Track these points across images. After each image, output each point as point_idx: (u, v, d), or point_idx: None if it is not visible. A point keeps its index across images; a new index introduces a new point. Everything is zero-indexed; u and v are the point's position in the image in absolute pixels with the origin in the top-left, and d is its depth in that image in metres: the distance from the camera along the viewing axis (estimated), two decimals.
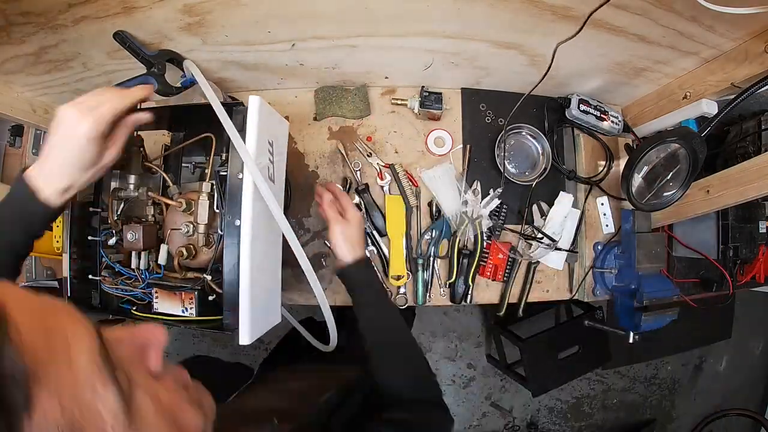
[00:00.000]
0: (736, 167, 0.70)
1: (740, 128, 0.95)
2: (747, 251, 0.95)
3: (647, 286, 0.84)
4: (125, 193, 0.67)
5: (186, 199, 0.64)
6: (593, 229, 0.94)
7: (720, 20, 0.60)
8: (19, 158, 0.90)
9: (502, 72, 0.83)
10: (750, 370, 2.37)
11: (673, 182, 0.77)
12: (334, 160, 0.88)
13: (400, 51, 0.74)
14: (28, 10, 0.56)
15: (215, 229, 0.65)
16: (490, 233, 0.88)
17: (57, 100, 0.83)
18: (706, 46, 0.69)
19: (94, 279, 0.68)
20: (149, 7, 0.57)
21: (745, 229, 0.95)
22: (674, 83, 0.82)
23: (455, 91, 0.91)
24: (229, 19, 0.61)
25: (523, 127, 0.91)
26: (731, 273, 0.95)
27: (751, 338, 2.36)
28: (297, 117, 0.89)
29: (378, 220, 0.85)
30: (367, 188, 0.86)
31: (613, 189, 0.94)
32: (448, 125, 0.90)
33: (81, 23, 0.59)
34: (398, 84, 0.89)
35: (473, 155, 0.90)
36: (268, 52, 0.72)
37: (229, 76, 0.80)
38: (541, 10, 0.60)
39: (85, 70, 0.73)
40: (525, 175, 0.91)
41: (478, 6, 0.60)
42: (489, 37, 0.69)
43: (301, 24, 0.64)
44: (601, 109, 0.90)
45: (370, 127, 0.89)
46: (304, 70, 0.80)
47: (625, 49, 0.71)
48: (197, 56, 0.70)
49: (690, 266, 0.98)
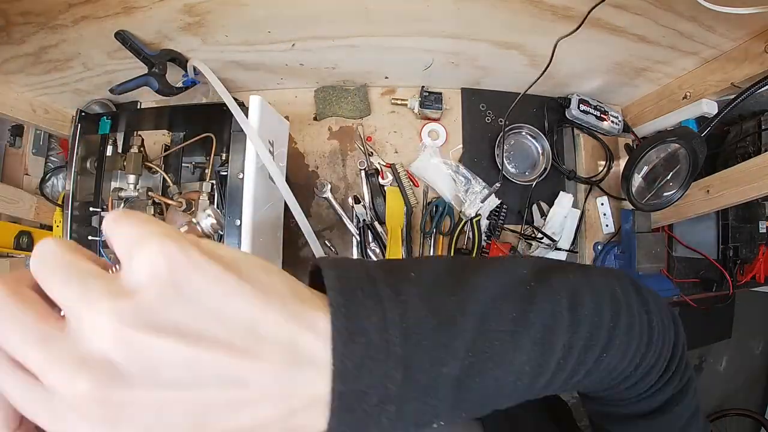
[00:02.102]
0: (736, 167, 0.70)
1: (740, 128, 0.95)
2: (747, 251, 0.95)
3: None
4: (125, 193, 0.67)
5: (186, 199, 0.64)
6: (593, 229, 0.94)
7: (720, 20, 0.60)
8: (19, 158, 0.89)
9: (502, 72, 0.83)
10: (750, 370, 2.37)
11: (673, 182, 0.77)
12: (334, 160, 0.88)
13: (400, 51, 0.74)
14: (28, 10, 0.56)
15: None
16: (490, 233, 0.88)
17: (57, 100, 0.83)
18: (706, 46, 0.69)
19: None
20: (149, 7, 0.57)
21: (745, 229, 0.95)
22: (674, 83, 0.82)
23: (455, 91, 0.91)
24: (229, 19, 0.61)
25: (523, 127, 0.91)
26: (731, 273, 0.95)
27: (751, 338, 2.36)
28: (297, 117, 0.89)
29: (380, 207, 0.86)
30: (376, 173, 0.86)
31: (613, 189, 0.94)
32: (448, 125, 0.90)
33: (81, 23, 0.59)
34: (398, 84, 0.89)
35: (473, 155, 0.90)
36: (268, 52, 0.72)
37: (229, 76, 0.80)
38: (541, 10, 0.60)
39: (85, 70, 0.73)
40: (525, 175, 0.91)
41: (478, 6, 0.60)
42: (489, 37, 0.69)
43: (301, 24, 0.64)
44: (601, 109, 0.90)
45: (370, 127, 0.89)
46: (304, 70, 0.80)
47: (625, 49, 0.71)
48: (197, 56, 0.70)
49: (690, 266, 0.98)
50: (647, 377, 0.30)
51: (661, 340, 0.29)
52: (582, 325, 0.24)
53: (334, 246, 0.87)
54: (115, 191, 0.67)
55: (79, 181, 0.67)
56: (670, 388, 0.32)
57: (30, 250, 0.84)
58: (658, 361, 0.30)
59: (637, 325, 0.28)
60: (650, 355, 0.29)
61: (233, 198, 0.57)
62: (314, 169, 0.89)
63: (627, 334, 0.27)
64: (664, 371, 0.31)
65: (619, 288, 0.28)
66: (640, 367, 0.29)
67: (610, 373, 0.28)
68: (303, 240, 0.87)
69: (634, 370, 0.29)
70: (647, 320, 0.28)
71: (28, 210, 0.84)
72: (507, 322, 0.22)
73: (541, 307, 0.23)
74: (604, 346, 0.25)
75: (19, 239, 0.83)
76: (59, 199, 0.88)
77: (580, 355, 0.24)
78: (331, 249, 0.86)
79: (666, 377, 0.32)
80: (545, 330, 0.23)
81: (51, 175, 0.91)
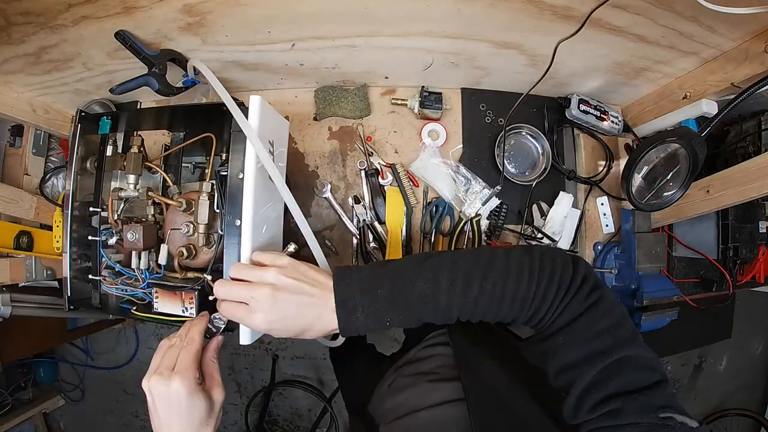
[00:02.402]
0: (736, 167, 0.70)
1: (740, 128, 0.95)
2: (747, 251, 0.95)
3: (647, 286, 0.84)
4: (125, 193, 0.67)
5: (186, 199, 0.64)
6: (593, 229, 0.94)
7: (720, 20, 0.60)
8: (19, 158, 0.89)
9: (502, 72, 0.83)
10: (750, 370, 2.37)
11: (673, 182, 0.77)
12: (334, 160, 0.88)
13: (400, 51, 0.74)
14: (28, 10, 0.56)
15: (215, 229, 0.65)
16: (490, 233, 0.88)
17: (57, 100, 0.83)
18: (706, 46, 0.69)
19: (94, 279, 0.68)
20: (149, 6, 0.57)
21: (745, 229, 0.96)
22: (674, 83, 0.82)
23: (455, 91, 0.91)
24: (229, 19, 0.61)
25: (523, 127, 0.91)
26: (731, 273, 0.95)
27: (751, 338, 2.36)
28: (297, 117, 0.89)
29: (380, 207, 0.86)
30: (376, 173, 0.86)
31: (613, 189, 0.94)
32: (448, 125, 0.90)
33: (81, 23, 0.59)
34: (398, 84, 0.89)
35: (473, 155, 0.90)
36: (268, 52, 0.72)
37: (230, 76, 0.80)
38: (541, 10, 0.60)
39: (85, 70, 0.73)
40: (525, 175, 0.91)
41: (478, 6, 0.60)
42: (489, 37, 0.69)
43: (301, 24, 0.65)
44: (601, 109, 0.90)
45: (370, 127, 0.89)
46: (304, 70, 0.80)
47: (625, 49, 0.71)
48: (197, 56, 0.70)
49: (690, 266, 0.98)
50: (544, 303, 0.43)
51: (546, 278, 0.43)
52: (459, 268, 0.44)
53: (334, 246, 0.87)
54: (115, 191, 0.67)
55: (79, 181, 0.67)
56: (574, 307, 0.43)
57: (30, 250, 0.85)
58: (548, 291, 0.43)
59: (514, 268, 0.44)
60: (534, 288, 0.43)
61: (233, 198, 0.57)
62: (314, 169, 0.89)
63: (502, 273, 0.44)
64: (562, 297, 0.43)
65: (500, 251, 0.47)
66: (531, 294, 0.43)
67: (502, 299, 0.44)
68: (303, 240, 0.87)
69: (525, 297, 0.43)
70: (529, 265, 0.44)
71: (28, 210, 0.85)
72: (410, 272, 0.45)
73: (429, 264, 0.46)
74: (482, 279, 0.44)
75: (19, 239, 0.83)
76: (59, 199, 0.88)
77: (464, 285, 0.44)
78: (331, 249, 0.86)
79: (565, 302, 0.43)
80: (433, 272, 0.45)
81: (51, 175, 0.91)
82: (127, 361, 2.06)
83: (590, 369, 0.41)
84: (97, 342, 2.08)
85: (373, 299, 0.45)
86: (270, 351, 2.02)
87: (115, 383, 2.08)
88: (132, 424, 2.09)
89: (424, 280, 0.44)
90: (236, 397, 2.06)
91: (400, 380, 0.67)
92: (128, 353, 2.06)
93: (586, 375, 0.41)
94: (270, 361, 1.98)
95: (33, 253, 0.85)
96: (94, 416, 2.12)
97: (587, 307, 0.43)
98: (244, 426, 1.97)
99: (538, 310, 0.44)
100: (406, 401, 0.60)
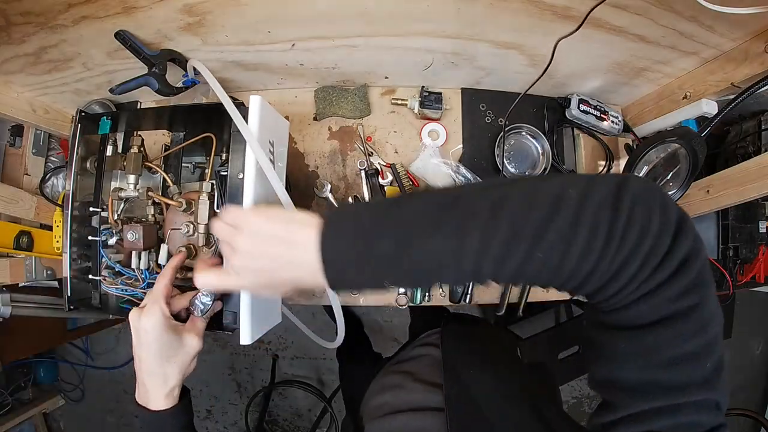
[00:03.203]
0: (736, 167, 0.70)
1: (740, 128, 0.95)
2: (747, 251, 0.95)
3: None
4: (125, 193, 0.67)
5: (186, 199, 0.64)
6: None
7: (720, 20, 0.60)
8: (19, 158, 0.89)
9: (502, 72, 0.83)
10: (750, 370, 2.37)
11: (673, 182, 0.77)
12: (334, 160, 0.88)
13: (400, 51, 0.74)
14: (28, 10, 0.56)
15: None
16: None
17: (57, 100, 0.83)
18: (706, 46, 0.69)
19: (94, 279, 0.68)
20: (149, 6, 0.57)
21: (745, 229, 0.95)
22: (674, 83, 0.82)
23: (455, 91, 0.91)
24: (229, 19, 0.61)
25: (523, 127, 0.91)
26: (731, 273, 0.95)
27: (751, 338, 2.36)
28: (297, 117, 0.89)
29: None
30: (376, 173, 0.86)
31: None
32: (448, 125, 0.90)
33: (81, 23, 0.59)
34: (398, 84, 0.89)
35: (473, 155, 0.90)
36: (268, 52, 0.72)
37: (229, 76, 0.80)
38: (541, 10, 0.60)
39: (85, 70, 0.73)
40: (525, 175, 0.91)
41: (478, 6, 0.60)
42: (489, 37, 0.69)
43: (301, 24, 0.65)
44: (601, 109, 0.90)
45: (370, 127, 0.89)
46: (304, 70, 0.80)
47: (625, 49, 0.71)
48: (197, 56, 0.70)
49: None
50: (613, 281, 0.29)
51: (628, 247, 0.28)
52: (500, 221, 0.29)
53: None
54: (115, 191, 0.67)
55: (79, 181, 0.67)
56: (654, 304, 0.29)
57: (30, 250, 0.85)
58: (624, 267, 0.28)
59: (586, 227, 0.28)
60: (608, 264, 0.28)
61: (233, 198, 0.57)
62: (314, 169, 0.89)
63: (565, 235, 0.28)
64: (641, 282, 0.29)
65: (574, 189, 0.29)
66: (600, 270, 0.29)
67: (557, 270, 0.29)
68: None
69: (592, 272, 0.29)
70: (609, 223, 0.28)
71: (28, 210, 0.85)
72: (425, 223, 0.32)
73: (455, 212, 0.31)
74: (532, 240, 0.29)
75: (19, 239, 0.83)
76: (59, 199, 0.88)
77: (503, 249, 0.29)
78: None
79: (643, 289, 0.29)
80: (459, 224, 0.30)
81: (51, 175, 0.91)
82: (127, 361, 2.06)
83: (642, 403, 0.31)
84: (97, 342, 2.08)
85: (367, 254, 0.32)
86: (270, 351, 2.03)
87: (115, 383, 2.09)
88: (132, 424, 2.09)
89: (443, 236, 0.31)
90: (236, 397, 2.06)
91: (388, 378, 0.67)
92: (128, 353, 2.06)
93: (634, 407, 0.32)
94: (270, 361, 1.98)
95: (33, 253, 0.85)
96: (94, 416, 2.12)
97: (674, 313, 0.29)
98: (244, 426, 1.97)
99: (601, 289, 0.30)
100: (389, 400, 0.60)
